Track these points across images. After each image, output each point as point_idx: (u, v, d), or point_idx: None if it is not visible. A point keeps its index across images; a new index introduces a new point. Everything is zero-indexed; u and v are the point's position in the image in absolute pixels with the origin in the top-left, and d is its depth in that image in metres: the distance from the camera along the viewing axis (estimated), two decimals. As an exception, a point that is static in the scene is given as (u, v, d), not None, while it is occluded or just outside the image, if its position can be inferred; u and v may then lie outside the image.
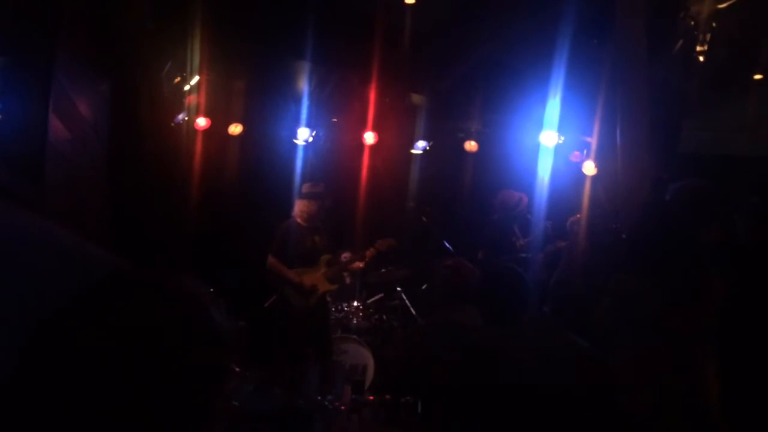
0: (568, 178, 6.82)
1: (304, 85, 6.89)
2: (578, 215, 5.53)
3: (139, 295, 0.87)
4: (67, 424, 0.81)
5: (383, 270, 6.60)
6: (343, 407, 2.60)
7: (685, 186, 3.26)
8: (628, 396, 2.77)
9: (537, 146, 6.83)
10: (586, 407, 2.48)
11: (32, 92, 3.24)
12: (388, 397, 2.64)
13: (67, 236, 1.35)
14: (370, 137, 7.11)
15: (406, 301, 6.55)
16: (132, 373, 0.82)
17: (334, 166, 7.22)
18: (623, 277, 2.95)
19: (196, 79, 6.33)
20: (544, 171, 6.49)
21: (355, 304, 6.42)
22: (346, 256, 6.58)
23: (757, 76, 5.74)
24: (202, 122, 6.63)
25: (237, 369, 4.27)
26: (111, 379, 0.81)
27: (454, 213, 7.28)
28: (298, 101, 6.96)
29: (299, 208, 5.68)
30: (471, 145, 7.36)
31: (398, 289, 6.63)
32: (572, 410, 2.46)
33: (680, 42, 5.67)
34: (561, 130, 6.79)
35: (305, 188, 5.74)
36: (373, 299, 6.61)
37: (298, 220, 5.67)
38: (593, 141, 6.73)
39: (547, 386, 2.48)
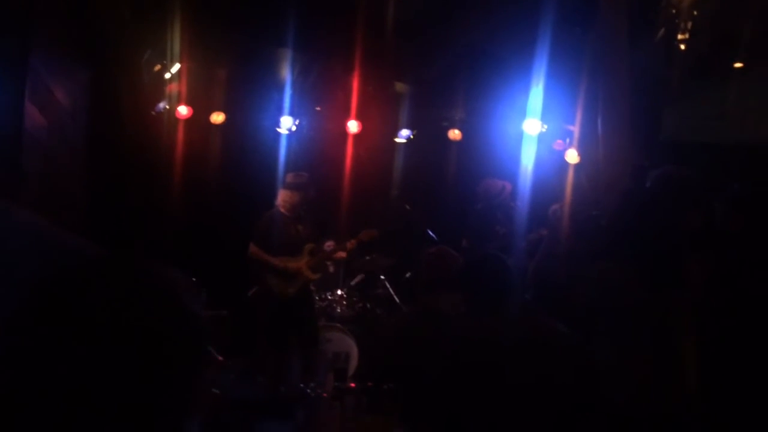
0: (550, 167, 6.85)
1: (286, 74, 6.84)
2: (560, 203, 5.57)
3: (112, 282, 0.86)
4: (40, 416, 0.80)
5: (367, 258, 6.60)
6: (325, 394, 2.59)
7: (664, 173, 3.28)
8: (608, 382, 2.79)
9: (520, 134, 6.85)
10: (567, 393, 2.50)
11: (8, 79, 3.19)
12: (370, 384, 2.64)
13: (44, 224, 1.33)
14: (353, 126, 7.09)
15: (390, 290, 6.56)
16: (102, 362, 0.80)
17: (318, 155, 7.19)
18: (604, 264, 2.97)
19: (176, 67, 6.27)
20: (528, 159, 6.51)
21: (339, 292, 6.43)
22: (329, 245, 6.57)
23: (738, 65, 5.77)
24: (183, 111, 6.57)
25: (220, 358, 4.26)
26: (81, 368, 0.80)
27: (438, 201, 7.28)
28: (280, 90, 6.91)
29: (282, 197, 5.65)
30: (455, 134, 7.36)
31: (382, 277, 6.63)
32: (554, 396, 2.48)
33: (662, 30, 5.69)
34: (544, 118, 6.81)
35: (289, 178, 5.71)
36: (355, 280, 6.61)
37: (282, 209, 5.65)
38: (576, 129, 6.76)
39: (528, 372, 2.49)
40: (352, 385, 2.68)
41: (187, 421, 0.90)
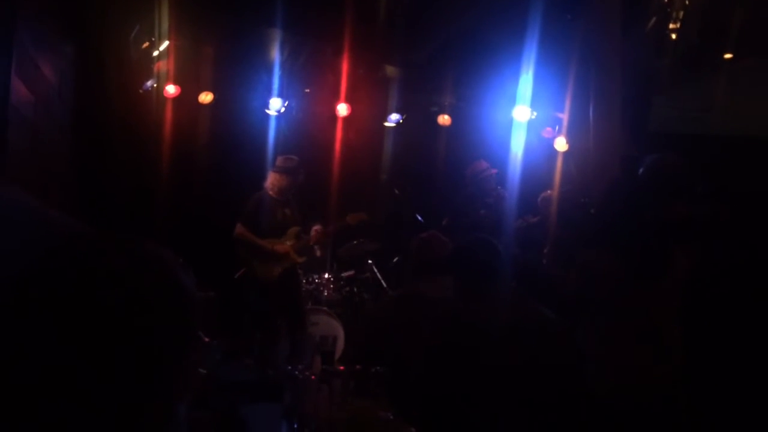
0: (540, 154, 6.87)
1: (276, 55, 6.78)
2: (549, 191, 5.59)
3: (103, 260, 0.84)
4: (29, 395, 0.79)
5: (355, 242, 6.60)
6: (313, 377, 2.60)
7: (654, 161, 3.30)
8: (593, 368, 2.82)
9: (510, 121, 6.85)
10: (551, 378, 2.53)
11: (-6, 53, 3.13)
12: (358, 367, 2.64)
13: (29, 201, 1.31)
14: (343, 109, 7.06)
15: (377, 274, 6.57)
16: (93, 340, 0.80)
17: (307, 138, 7.15)
18: (590, 252, 2.98)
19: (165, 44, 6.18)
20: (517, 146, 6.52)
21: (326, 276, 6.43)
22: (316, 228, 6.57)
23: (728, 56, 5.79)
24: (171, 90, 6.49)
25: (206, 339, 4.25)
26: (72, 347, 0.79)
27: (427, 186, 7.28)
28: (270, 71, 6.85)
29: (271, 180, 5.63)
30: (444, 119, 7.35)
31: (369, 261, 6.64)
32: (539, 381, 2.50)
33: (653, 19, 5.70)
34: (534, 105, 6.82)
35: (279, 161, 5.68)
36: (346, 274, 6.62)
37: (270, 192, 5.62)
38: (565, 117, 6.78)
39: (514, 356, 2.51)
40: (341, 368, 2.68)
41: (178, 401, 0.90)
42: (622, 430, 2.70)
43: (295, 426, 2.46)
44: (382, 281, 6.52)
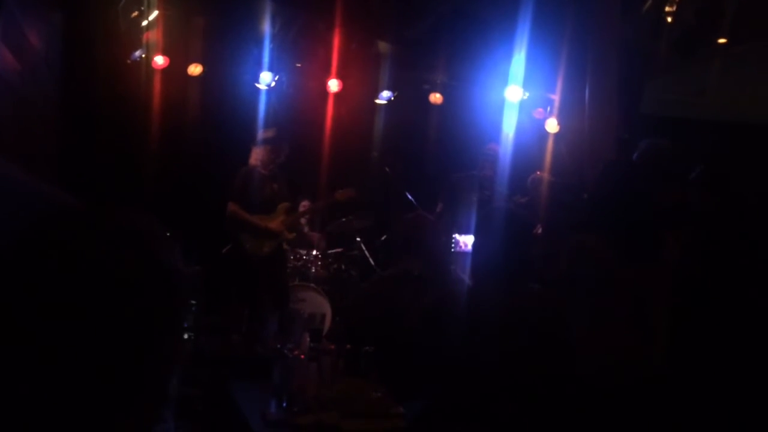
0: (531, 135, 6.85)
1: (267, 27, 6.68)
2: (539, 172, 5.59)
3: (88, 232, 0.82)
4: (20, 372, 0.77)
5: (343, 219, 6.58)
6: (302, 356, 2.60)
7: (648, 146, 3.30)
8: (580, 349, 2.84)
9: (502, 101, 6.82)
10: (541, 356, 2.54)
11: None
12: (348, 346, 2.65)
13: (15, 172, 1.28)
14: (334, 84, 6.99)
15: (366, 252, 6.57)
16: (75, 314, 0.77)
17: (297, 113, 7.09)
18: (582, 234, 2.98)
19: (154, 14, 6.07)
20: (509, 126, 6.50)
21: (314, 252, 6.41)
22: (304, 204, 6.54)
23: (722, 41, 5.78)
24: (160, 61, 6.38)
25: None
26: (54, 320, 0.77)
27: (418, 164, 7.26)
28: (260, 44, 6.75)
29: (254, 156, 5.59)
30: (436, 98, 7.30)
31: (358, 239, 6.63)
32: (529, 359, 2.51)
33: (649, 2, 5.66)
34: (526, 85, 6.79)
35: (259, 135, 5.66)
36: (334, 250, 6.61)
37: (257, 167, 5.58)
38: (557, 98, 6.76)
39: (505, 334, 2.52)
40: (332, 346, 2.68)
41: (168, 378, 0.89)
42: (608, 411, 2.72)
43: (284, 404, 2.47)
44: (370, 259, 6.52)
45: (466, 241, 5.72)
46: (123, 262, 0.80)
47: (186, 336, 3.03)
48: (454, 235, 5.78)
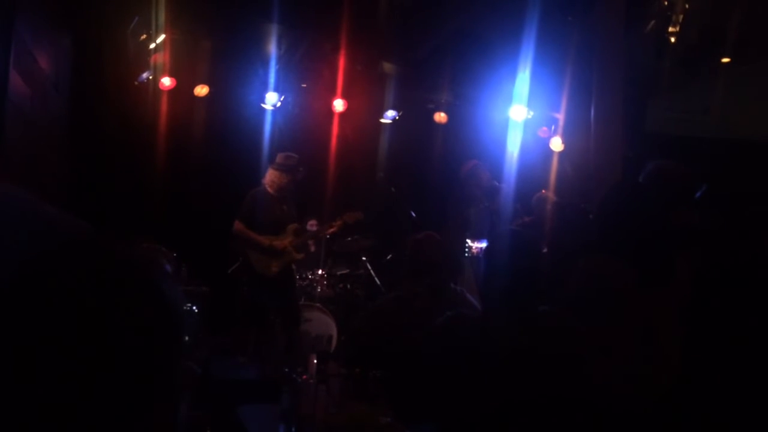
0: (535, 154, 6.87)
1: (273, 49, 6.74)
2: (543, 191, 5.60)
3: (92, 267, 0.83)
4: (29, 399, 0.77)
5: (349, 239, 6.58)
6: (312, 381, 2.59)
7: (657, 168, 3.30)
8: (591, 372, 2.82)
9: (506, 120, 6.85)
10: (553, 378, 2.52)
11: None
12: (357, 370, 2.64)
13: (24, 196, 1.29)
14: (339, 104, 7.03)
15: (371, 271, 6.56)
16: (73, 351, 0.78)
17: (303, 133, 7.12)
18: (592, 256, 2.98)
19: (162, 37, 6.13)
20: (513, 145, 6.52)
21: (320, 272, 6.41)
22: (312, 224, 6.54)
23: (725, 60, 5.82)
24: (167, 82, 6.44)
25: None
26: (53, 355, 0.78)
27: (423, 184, 7.27)
28: (266, 65, 6.81)
29: (270, 177, 5.57)
30: (440, 117, 7.34)
31: (363, 258, 6.62)
32: (540, 382, 2.50)
33: (652, 22, 5.71)
34: (530, 104, 6.81)
35: (279, 159, 5.62)
36: (340, 272, 6.61)
37: (268, 188, 5.58)
38: (561, 117, 6.79)
39: (515, 358, 2.51)
40: (341, 369, 2.68)
41: (174, 410, 0.89)
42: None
43: (293, 429, 2.46)
44: (376, 278, 6.51)
45: (479, 246, 5.72)
46: (124, 296, 0.81)
47: (193, 366, 3.02)
48: (466, 240, 5.80)
